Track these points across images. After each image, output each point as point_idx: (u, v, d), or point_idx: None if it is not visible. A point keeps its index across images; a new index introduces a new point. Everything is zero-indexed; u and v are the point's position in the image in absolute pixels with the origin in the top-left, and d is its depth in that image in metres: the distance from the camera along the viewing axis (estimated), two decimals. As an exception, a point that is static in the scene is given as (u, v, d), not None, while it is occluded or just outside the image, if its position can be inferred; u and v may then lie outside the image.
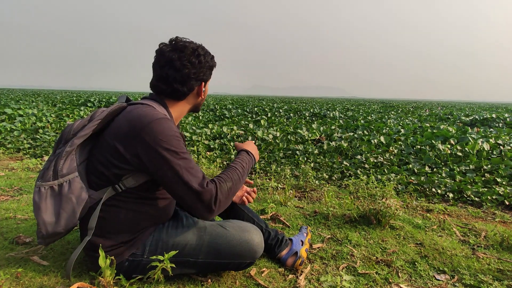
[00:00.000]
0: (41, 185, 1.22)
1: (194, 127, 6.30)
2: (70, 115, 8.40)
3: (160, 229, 1.35)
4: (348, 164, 3.97)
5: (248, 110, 12.73)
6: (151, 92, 1.40)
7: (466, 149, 4.38)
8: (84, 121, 1.29)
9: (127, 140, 1.20)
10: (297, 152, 4.60)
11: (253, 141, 1.55)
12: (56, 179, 1.22)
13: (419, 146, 4.75)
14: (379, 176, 3.47)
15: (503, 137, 5.26)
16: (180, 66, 1.30)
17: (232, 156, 4.32)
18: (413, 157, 4.30)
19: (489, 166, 3.69)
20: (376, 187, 2.37)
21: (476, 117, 10.09)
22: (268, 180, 3.32)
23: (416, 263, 1.68)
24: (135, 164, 1.21)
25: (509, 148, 4.51)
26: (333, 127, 7.05)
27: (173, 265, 1.26)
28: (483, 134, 5.73)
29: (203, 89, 1.42)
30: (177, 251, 1.28)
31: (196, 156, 4.22)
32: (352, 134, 5.96)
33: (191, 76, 1.33)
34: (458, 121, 9.66)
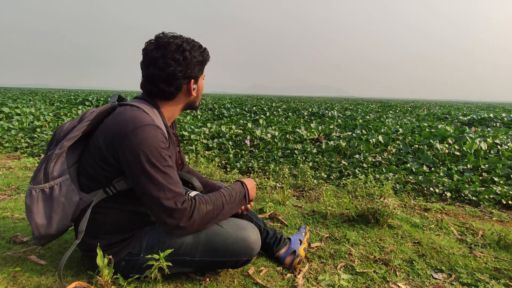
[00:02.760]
0: (32, 188, 1.21)
1: (192, 126, 6.29)
2: (68, 114, 8.38)
3: (157, 228, 1.34)
4: (346, 163, 3.98)
5: (246, 109, 12.73)
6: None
7: (464, 148, 4.39)
8: (74, 122, 1.28)
9: (111, 143, 1.18)
10: (296, 151, 4.60)
11: (253, 181, 1.53)
12: (47, 182, 1.21)
13: (417, 146, 4.76)
14: (377, 175, 3.48)
15: (501, 137, 5.28)
16: (164, 65, 1.23)
17: (231, 156, 4.32)
18: (411, 156, 4.31)
19: (487, 165, 3.70)
20: (374, 186, 2.37)
21: (474, 116, 10.12)
22: (266, 179, 3.33)
23: (413, 262, 1.69)
24: (117, 168, 1.20)
25: (507, 147, 4.52)
26: (331, 127, 7.06)
27: (170, 264, 1.26)
28: (480, 134, 5.75)
29: (193, 86, 1.34)
30: (173, 250, 1.27)
31: (194, 155, 4.21)
32: (350, 133, 5.97)
33: (177, 75, 1.26)
34: (456, 121, 9.69)
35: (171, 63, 1.24)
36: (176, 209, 1.18)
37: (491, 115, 10.18)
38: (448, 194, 2.97)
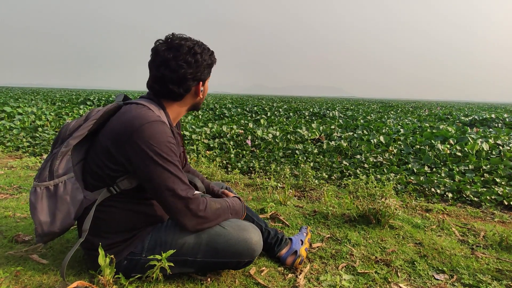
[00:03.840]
0: (37, 185, 1.21)
1: (193, 126, 6.29)
2: (70, 114, 8.39)
3: (159, 228, 1.35)
4: (347, 164, 3.98)
5: (247, 109, 12.73)
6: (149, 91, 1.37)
7: (466, 149, 4.38)
8: (80, 121, 1.28)
9: (118, 141, 1.18)
10: (297, 151, 4.60)
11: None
12: (52, 180, 1.22)
13: (418, 146, 4.75)
14: (378, 176, 3.48)
15: (502, 137, 5.27)
16: (176, 67, 1.26)
17: (232, 156, 4.33)
18: (412, 157, 4.30)
19: (488, 166, 3.69)
20: (375, 187, 2.37)
21: (476, 117, 10.09)
22: (267, 179, 3.33)
23: (415, 262, 1.68)
24: (125, 166, 1.20)
25: (508, 148, 4.51)
26: (332, 127, 7.05)
27: (171, 264, 1.26)
28: (482, 134, 5.73)
29: (201, 88, 1.37)
30: (175, 250, 1.27)
31: (195, 155, 4.22)
32: (351, 133, 5.96)
33: (187, 77, 1.29)
34: (458, 121, 9.66)
35: (183, 65, 1.27)
36: (192, 199, 1.22)
37: (493, 115, 10.15)
38: (450, 194, 2.97)
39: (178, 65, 1.26)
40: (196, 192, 1.47)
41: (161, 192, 1.19)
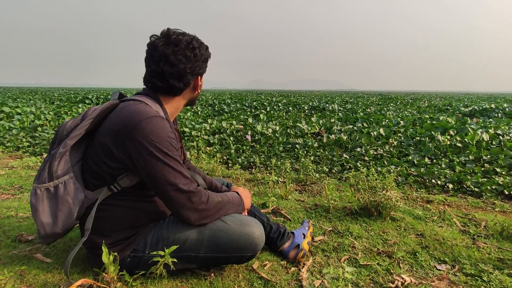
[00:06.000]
0: (37, 187, 1.21)
1: (193, 122, 6.28)
2: (68, 113, 8.37)
3: (161, 224, 1.35)
4: (348, 157, 3.98)
5: (247, 104, 12.70)
6: (144, 87, 1.37)
7: (466, 139, 4.38)
8: (77, 121, 1.27)
9: (118, 138, 1.18)
10: (297, 145, 4.60)
11: (248, 191, 1.64)
12: (52, 181, 1.21)
13: (418, 138, 4.75)
14: (379, 168, 3.48)
15: (502, 127, 5.26)
16: (176, 61, 1.27)
17: (232, 151, 4.33)
18: (412, 148, 4.30)
19: (489, 156, 3.70)
20: (376, 179, 2.38)
21: (475, 107, 10.07)
22: (268, 174, 3.33)
23: (417, 253, 1.69)
24: (125, 163, 1.20)
25: (508, 138, 4.51)
26: (332, 120, 7.04)
27: (175, 260, 1.27)
28: (482, 125, 5.73)
29: (199, 83, 1.39)
30: (178, 246, 1.28)
31: (196, 151, 4.22)
32: (351, 126, 5.96)
33: (187, 71, 1.30)
34: (457, 112, 9.64)
35: (182, 60, 1.28)
36: (195, 192, 1.23)
37: (493, 105, 10.13)
38: (450, 185, 2.97)
39: (178, 59, 1.27)
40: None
41: (163, 187, 1.20)
